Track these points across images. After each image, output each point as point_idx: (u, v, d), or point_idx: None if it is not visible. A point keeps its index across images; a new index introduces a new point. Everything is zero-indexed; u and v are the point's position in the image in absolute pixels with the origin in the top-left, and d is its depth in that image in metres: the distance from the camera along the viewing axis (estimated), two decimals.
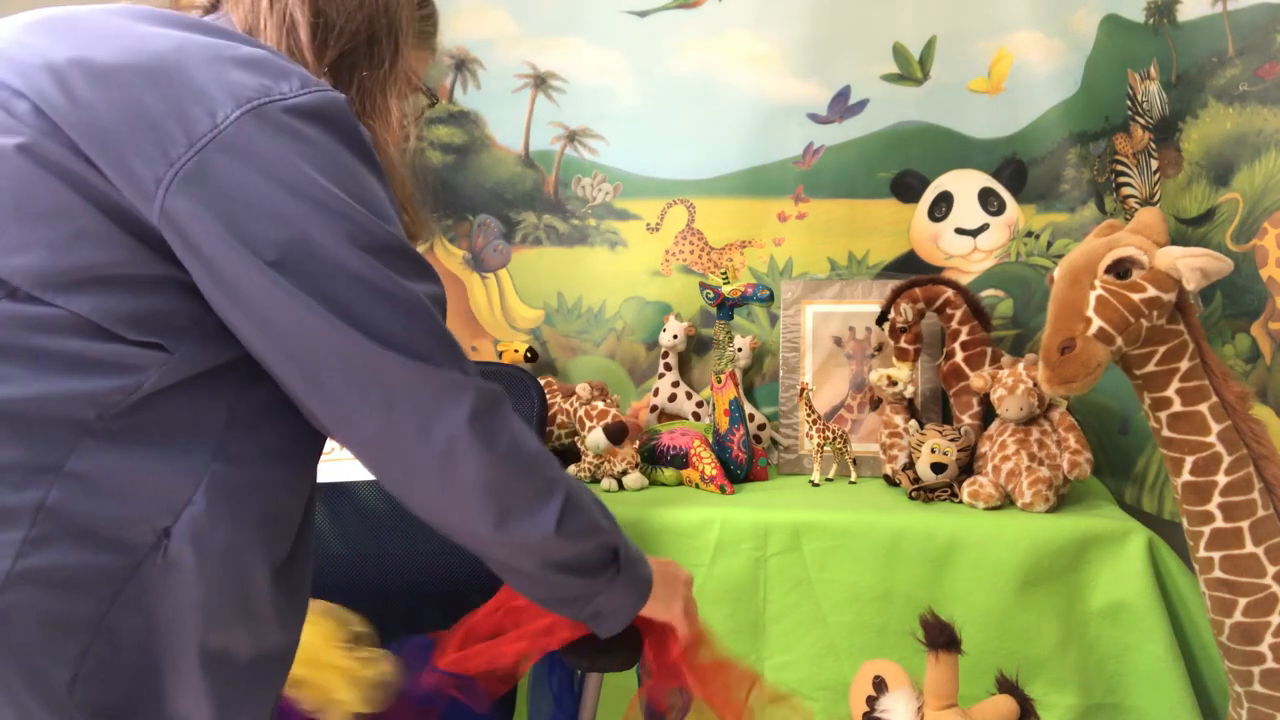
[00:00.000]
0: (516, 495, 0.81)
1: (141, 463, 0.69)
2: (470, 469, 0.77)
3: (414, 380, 0.75)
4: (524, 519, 0.82)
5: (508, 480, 0.80)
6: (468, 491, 0.78)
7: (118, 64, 0.71)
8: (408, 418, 0.75)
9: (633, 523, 1.66)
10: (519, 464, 0.81)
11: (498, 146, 2.18)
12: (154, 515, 0.69)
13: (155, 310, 0.71)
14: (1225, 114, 1.55)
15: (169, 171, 0.69)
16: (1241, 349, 1.54)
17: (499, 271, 2.22)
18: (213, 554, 0.71)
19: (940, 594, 1.58)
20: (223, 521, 0.72)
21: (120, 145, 0.69)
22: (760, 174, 2.11)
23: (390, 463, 0.78)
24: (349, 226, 0.73)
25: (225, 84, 0.72)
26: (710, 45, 2.09)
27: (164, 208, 0.69)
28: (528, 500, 0.82)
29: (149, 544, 0.69)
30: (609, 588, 0.93)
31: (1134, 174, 1.84)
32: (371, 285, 0.73)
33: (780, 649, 1.62)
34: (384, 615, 1.48)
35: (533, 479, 0.83)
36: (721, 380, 1.87)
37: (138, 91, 0.70)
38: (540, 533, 0.83)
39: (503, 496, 0.80)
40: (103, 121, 0.70)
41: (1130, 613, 1.54)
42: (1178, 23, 1.64)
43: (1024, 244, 2.07)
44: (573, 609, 0.95)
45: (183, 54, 0.73)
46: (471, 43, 2.15)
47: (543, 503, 0.83)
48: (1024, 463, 1.71)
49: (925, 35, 2.04)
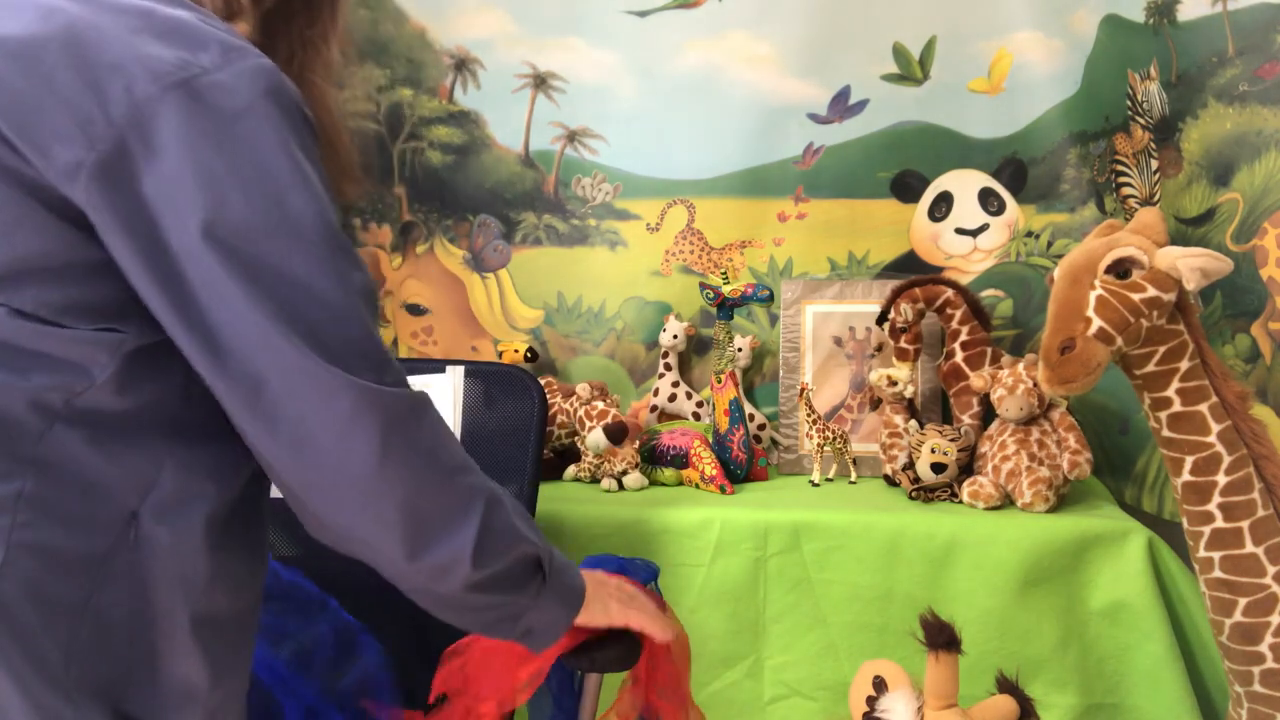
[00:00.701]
0: (433, 510, 0.77)
1: (108, 447, 0.70)
2: (384, 485, 0.73)
3: (328, 387, 0.71)
4: (442, 535, 0.77)
5: (424, 495, 0.76)
6: (382, 508, 0.74)
7: (29, 37, 0.68)
8: (319, 427, 0.71)
9: (633, 523, 1.66)
10: (437, 477, 0.77)
11: (498, 146, 2.18)
12: (123, 497, 0.70)
13: (100, 296, 0.70)
14: (1225, 114, 1.55)
15: (89, 155, 0.66)
16: (1241, 349, 1.54)
17: (499, 271, 2.22)
18: (184, 528, 0.73)
19: (940, 594, 1.58)
20: (190, 496, 0.73)
21: (40, 126, 0.67)
22: (760, 174, 2.11)
23: (294, 474, 0.73)
24: (268, 215, 0.70)
25: (142, 58, 0.68)
26: (710, 45, 2.09)
27: (86, 191, 0.67)
28: (446, 516, 0.77)
29: (122, 525, 0.70)
30: (536, 603, 0.89)
31: (1134, 174, 1.84)
32: (293, 278, 0.70)
33: (780, 649, 1.62)
34: (395, 609, 1.48)
35: (452, 492, 0.78)
36: (721, 380, 1.87)
37: (51, 67, 0.67)
38: (459, 549, 0.78)
39: (419, 512, 0.75)
40: (20, 101, 0.67)
41: (1130, 613, 1.54)
42: (1178, 23, 1.64)
43: (1024, 244, 2.07)
44: (502, 630, 0.90)
45: (98, 24, 0.69)
46: (471, 43, 2.15)
47: (462, 518, 0.78)
48: (1024, 463, 1.71)
49: (925, 35, 2.04)
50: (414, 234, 2.22)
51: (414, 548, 0.76)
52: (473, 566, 0.78)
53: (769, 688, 1.62)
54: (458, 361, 1.57)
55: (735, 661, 1.62)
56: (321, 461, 0.72)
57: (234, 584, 0.78)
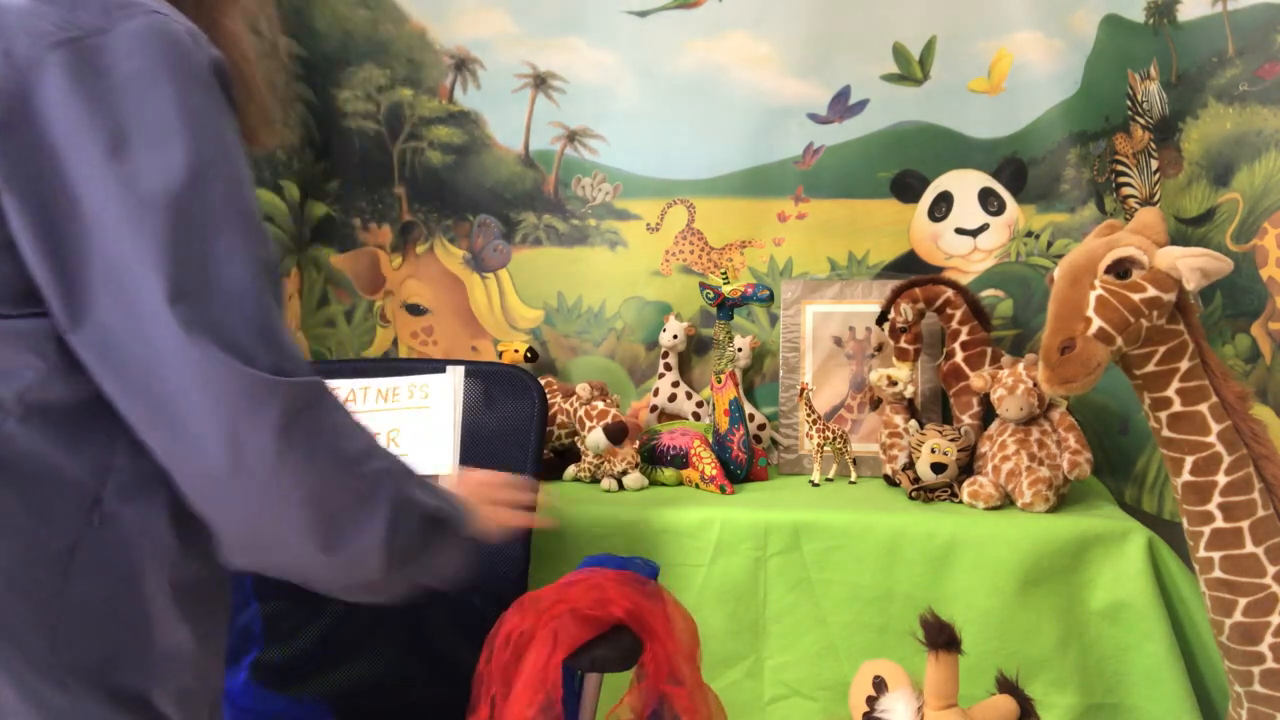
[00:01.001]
0: (342, 503, 0.73)
1: (65, 436, 0.69)
2: (287, 480, 0.69)
3: (219, 378, 0.66)
4: (353, 526, 0.73)
5: (330, 488, 0.72)
6: (288, 506, 0.70)
7: None
8: (214, 422, 0.67)
9: (633, 523, 1.66)
10: (341, 468, 0.73)
11: (498, 146, 2.18)
12: (86, 484, 0.70)
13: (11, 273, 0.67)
14: (1225, 114, 1.55)
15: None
16: (1241, 349, 1.54)
17: (499, 271, 2.22)
18: (149, 506, 0.72)
19: (940, 594, 1.58)
20: (149, 475, 0.71)
21: None
22: (760, 174, 2.11)
23: (194, 473, 0.69)
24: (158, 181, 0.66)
25: (23, 20, 0.66)
26: (710, 45, 2.09)
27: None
28: (355, 506, 0.74)
29: (88, 510, 0.70)
30: (440, 554, 0.85)
31: (1134, 174, 1.84)
32: (185, 260, 0.66)
33: (780, 649, 1.62)
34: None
35: (357, 481, 0.74)
36: (721, 380, 1.87)
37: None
38: (373, 537, 0.74)
39: (326, 506, 0.72)
40: None
41: (1130, 613, 1.54)
42: (1178, 23, 1.64)
43: (1024, 244, 2.07)
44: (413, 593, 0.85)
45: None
46: (471, 43, 2.15)
47: (371, 505, 0.74)
48: (1024, 463, 1.71)
49: (925, 35, 2.04)
50: (414, 234, 2.22)
51: (328, 542, 0.72)
52: (386, 551, 0.75)
53: (769, 688, 1.62)
54: (458, 361, 1.57)
55: (735, 661, 1.62)
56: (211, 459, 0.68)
57: (207, 550, 0.76)
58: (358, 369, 1.62)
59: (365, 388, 1.54)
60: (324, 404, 0.74)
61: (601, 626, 1.16)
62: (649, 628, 1.16)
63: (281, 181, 2.03)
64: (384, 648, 1.51)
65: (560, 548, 1.62)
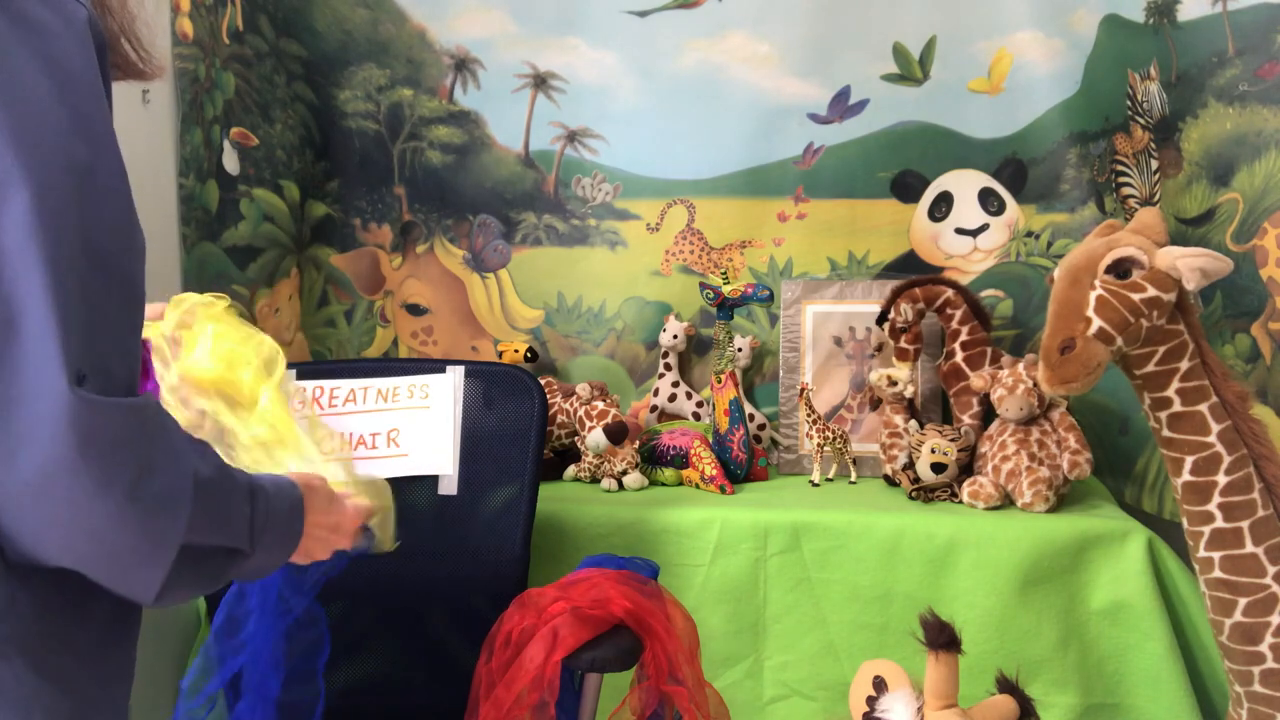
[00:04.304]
0: (122, 549, 0.65)
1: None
2: (65, 510, 0.62)
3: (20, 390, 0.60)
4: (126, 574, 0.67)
5: (116, 532, 0.64)
6: (62, 534, 0.63)
7: None
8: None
9: (633, 523, 1.66)
10: (140, 514, 0.64)
11: (498, 146, 2.18)
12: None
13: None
14: (1225, 114, 1.55)
15: None
16: (1241, 349, 1.54)
17: (499, 271, 2.22)
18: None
19: (940, 594, 1.58)
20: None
21: None
22: (760, 174, 2.11)
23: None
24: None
25: None
26: (710, 45, 2.09)
27: None
28: (136, 558, 0.66)
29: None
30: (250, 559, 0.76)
31: (1134, 174, 1.84)
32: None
33: (780, 649, 1.62)
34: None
35: (150, 531, 0.65)
36: (721, 380, 1.87)
37: None
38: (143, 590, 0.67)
39: (108, 546, 0.64)
40: None
41: (1130, 613, 1.54)
42: (1178, 23, 1.64)
43: (1024, 244, 2.07)
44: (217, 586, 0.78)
45: None
46: (471, 43, 2.15)
47: (151, 563, 0.66)
48: (1024, 463, 1.71)
49: (925, 35, 2.04)
50: (414, 234, 2.22)
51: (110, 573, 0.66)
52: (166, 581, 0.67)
53: (769, 688, 1.62)
54: (458, 361, 1.57)
55: (735, 661, 1.62)
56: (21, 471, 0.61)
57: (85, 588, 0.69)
58: (358, 369, 1.62)
59: (365, 388, 1.54)
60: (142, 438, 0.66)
61: (601, 626, 1.16)
62: (649, 628, 1.16)
63: (281, 181, 2.03)
64: (384, 647, 1.51)
65: (560, 548, 1.63)
